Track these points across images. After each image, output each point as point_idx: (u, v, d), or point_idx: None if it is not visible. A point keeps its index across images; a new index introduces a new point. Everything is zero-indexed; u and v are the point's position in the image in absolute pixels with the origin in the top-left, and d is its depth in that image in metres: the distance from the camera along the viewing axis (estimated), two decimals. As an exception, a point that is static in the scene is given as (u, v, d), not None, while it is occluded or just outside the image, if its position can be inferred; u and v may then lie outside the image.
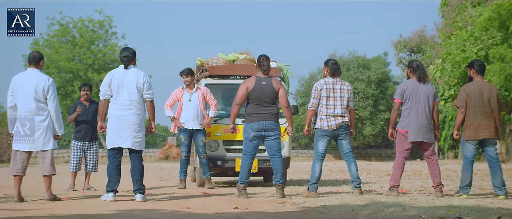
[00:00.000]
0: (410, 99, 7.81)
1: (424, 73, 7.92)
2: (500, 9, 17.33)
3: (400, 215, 5.64)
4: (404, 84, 7.93)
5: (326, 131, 7.93)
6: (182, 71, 9.81)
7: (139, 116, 7.38)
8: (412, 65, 7.99)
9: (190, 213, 6.27)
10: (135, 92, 7.34)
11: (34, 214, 6.14)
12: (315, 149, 8.03)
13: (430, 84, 7.97)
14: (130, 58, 7.44)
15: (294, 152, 32.23)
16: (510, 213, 5.75)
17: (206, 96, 9.76)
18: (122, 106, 7.32)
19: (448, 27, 26.63)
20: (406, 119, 7.83)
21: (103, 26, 36.29)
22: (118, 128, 7.32)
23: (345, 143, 8.04)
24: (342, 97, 7.96)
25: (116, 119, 7.33)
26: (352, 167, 8.02)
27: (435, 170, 7.84)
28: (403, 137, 7.86)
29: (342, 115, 7.94)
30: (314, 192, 7.89)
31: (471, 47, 20.46)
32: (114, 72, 7.45)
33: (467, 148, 7.88)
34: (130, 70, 7.43)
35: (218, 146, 9.92)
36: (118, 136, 7.33)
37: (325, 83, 7.98)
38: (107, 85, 7.37)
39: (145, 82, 7.39)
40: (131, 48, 7.52)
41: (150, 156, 31.12)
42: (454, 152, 31.05)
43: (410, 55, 37.11)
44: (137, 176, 7.38)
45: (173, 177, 13.52)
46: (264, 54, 8.09)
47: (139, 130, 7.38)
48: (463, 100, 7.84)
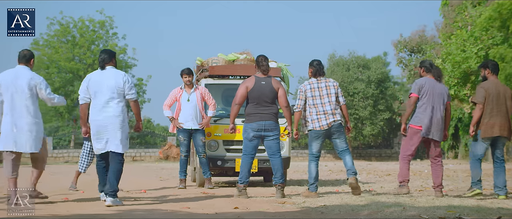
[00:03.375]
0: (427, 95, 7.74)
1: (440, 72, 7.90)
2: (501, 8, 17.35)
3: (400, 215, 5.64)
4: (422, 80, 7.84)
5: (318, 132, 7.88)
6: (183, 70, 9.81)
7: (118, 117, 7.03)
8: (425, 64, 7.97)
9: (190, 213, 6.27)
10: (114, 93, 7.02)
11: (34, 214, 6.13)
12: (309, 150, 8.01)
13: (444, 85, 7.96)
14: (107, 60, 7.15)
15: (294, 152, 32.23)
16: (510, 213, 5.75)
17: (205, 96, 9.76)
18: (101, 108, 7.02)
19: (448, 27, 26.63)
20: (421, 115, 7.74)
21: (104, 27, 36.30)
22: (98, 131, 7.03)
23: (340, 141, 7.97)
24: (328, 94, 7.90)
25: (96, 122, 7.04)
26: (346, 158, 7.91)
27: (439, 172, 7.83)
28: (414, 132, 7.78)
29: (332, 112, 7.85)
30: (314, 192, 7.87)
31: (471, 47, 20.44)
32: (91, 75, 7.21)
33: (479, 145, 7.80)
34: (108, 71, 7.14)
35: (218, 146, 9.92)
36: (101, 140, 7.03)
37: (309, 83, 7.97)
38: (86, 88, 7.12)
39: (126, 82, 7.08)
40: (109, 50, 7.29)
41: (150, 156, 31.12)
42: (454, 152, 31.02)
43: (410, 55, 37.11)
44: (113, 178, 6.94)
45: (173, 177, 13.52)
46: (263, 55, 8.09)
47: (120, 131, 7.03)
48: (482, 97, 7.71)
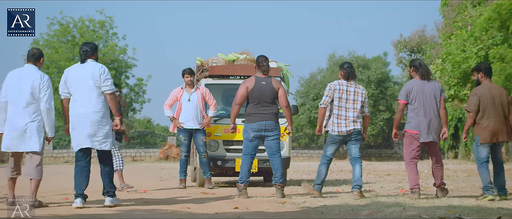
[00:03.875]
0: (417, 99, 7.57)
1: (427, 71, 7.70)
2: (500, 9, 17.32)
3: (400, 215, 5.64)
4: (409, 84, 7.68)
5: (336, 137, 7.79)
6: (184, 70, 9.82)
7: (98, 112, 6.70)
8: (414, 63, 7.79)
9: (190, 213, 6.27)
10: (92, 87, 6.69)
11: (34, 214, 6.13)
12: (324, 151, 7.94)
13: (435, 81, 7.76)
14: (89, 53, 6.83)
15: (294, 152, 32.22)
16: (510, 213, 5.75)
17: (206, 96, 9.76)
18: (81, 104, 6.70)
19: (448, 27, 26.61)
20: (415, 120, 7.58)
21: (104, 27, 36.29)
22: (78, 127, 6.71)
23: (354, 147, 7.86)
24: (355, 100, 7.78)
25: (75, 118, 6.73)
26: (356, 168, 7.78)
27: (438, 172, 7.77)
28: (412, 138, 7.61)
29: (354, 120, 7.74)
30: (318, 192, 7.89)
31: (471, 47, 20.43)
32: (70, 69, 6.91)
33: (481, 150, 7.63)
34: (87, 64, 6.81)
35: (218, 146, 9.93)
36: (80, 136, 6.70)
37: (339, 84, 7.82)
38: (64, 83, 6.83)
39: (101, 73, 6.71)
40: (91, 43, 6.96)
41: (150, 156, 31.11)
42: (454, 152, 31.00)
43: (410, 55, 37.07)
44: (106, 179, 6.81)
45: (173, 177, 13.51)
46: (263, 55, 8.10)
47: (100, 128, 6.71)
48: (475, 105, 7.55)
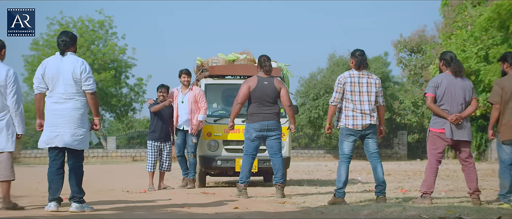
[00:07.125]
0: (445, 96, 6.82)
1: (460, 66, 6.92)
2: (500, 9, 17.35)
3: (400, 215, 5.64)
4: (438, 78, 6.91)
5: (351, 130, 7.00)
6: (181, 70, 9.84)
7: (78, 110, 6.23)
8: (445, 57, 7.01)
9: (190, 213, 6.27)
10: (71, 83, 6.19)
11: (34, 214, 6.13)
12: (340, 150, 7.11)
13: (467, 80, 6.98)
14: (68, 44, 6.30)
15: (294, 152, 32.20)
16: (510, 213, 5.75)
17: (198, 98, 9.72)
18: (58, 100, 6.21)
19: (448, 27, 26.61)
20: (441, 118, 6.84)
21: (104, 27, 36.30)
22: (54, 124, 6.20)
23: (372, 142, 7.13)
24: (369, 92, 7.04)
25: (52, 114, 6.23)
26: (378, 169, 7.10)
27: (472, 175, 6.92)
28: (437, 137, 6.88)
29: (370, 113, 7.01)
30: (341, 198, 6.97)
31: (471, 47, 20.44)
32: (48, 61, 6.32)
33: (504, 150, 6.97)
34: (67, 57, 6.28)
35: (218, 146, 9.92)
36: (55, 134, 6.20)
37: (350, 76, 7.02)
38: (41, 77, 6.26)
39: (83, 71, 6.21)
40: (70, 32, 6.42)
41: (150, 156, 31.09)
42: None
43: (410, 55, 37.08)
44: (73, 181, 6.25)
45: (173, 177, 13.51)
46: (265, 55, 8.10)
47: (78, 126, 6.22)
48: (498, 96, 6.94)
